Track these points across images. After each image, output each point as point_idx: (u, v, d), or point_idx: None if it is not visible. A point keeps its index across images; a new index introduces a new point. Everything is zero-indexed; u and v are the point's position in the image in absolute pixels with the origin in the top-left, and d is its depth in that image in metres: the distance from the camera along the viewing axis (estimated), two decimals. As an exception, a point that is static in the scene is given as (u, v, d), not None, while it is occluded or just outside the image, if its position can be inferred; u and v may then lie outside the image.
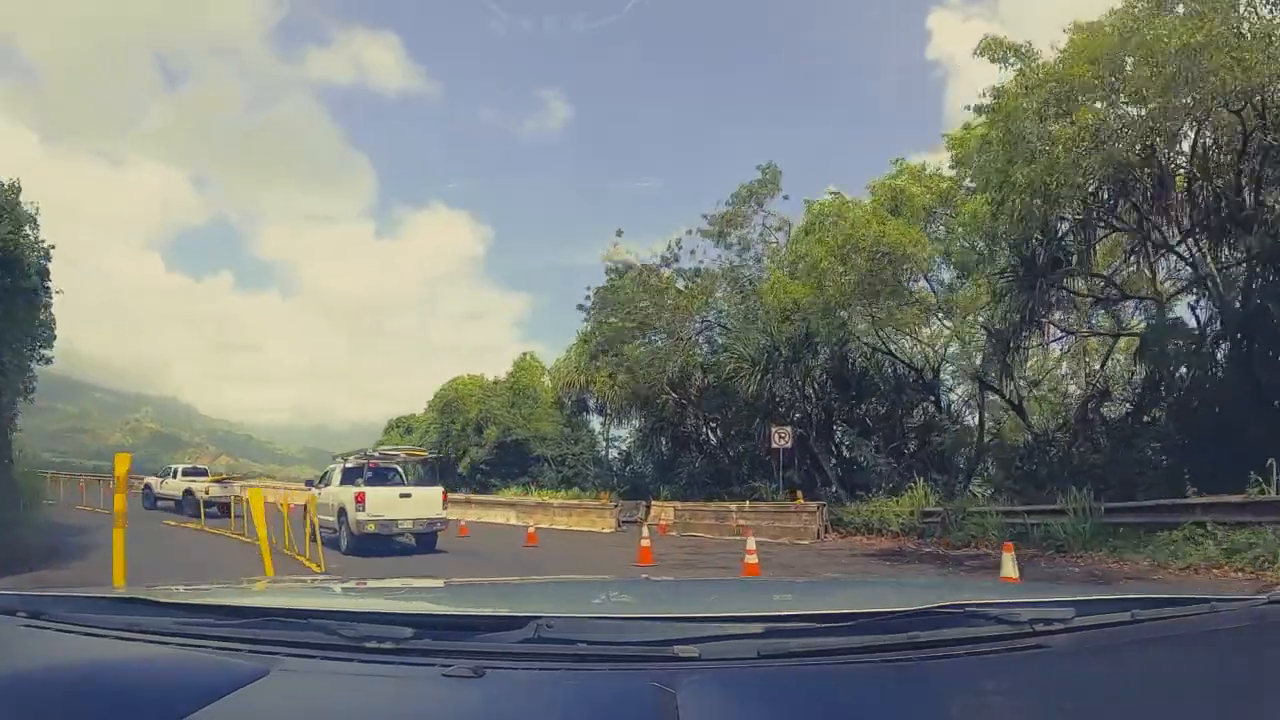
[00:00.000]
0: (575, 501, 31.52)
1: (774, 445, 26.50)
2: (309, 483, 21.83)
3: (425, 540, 18.69)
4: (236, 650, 1.36)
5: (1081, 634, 1.48)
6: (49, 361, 22.56)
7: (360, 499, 18.06)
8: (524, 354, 50.42)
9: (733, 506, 24.82)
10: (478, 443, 45.11)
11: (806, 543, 21.07)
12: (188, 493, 30.20)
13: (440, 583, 3.31)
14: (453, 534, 21.11)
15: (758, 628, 1.45)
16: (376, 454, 20.76)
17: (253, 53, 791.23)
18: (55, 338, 21.75)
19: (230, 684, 1.20)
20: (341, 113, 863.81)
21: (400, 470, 20.44)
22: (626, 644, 1.36)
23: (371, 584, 2.76)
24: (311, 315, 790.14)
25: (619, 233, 35.45)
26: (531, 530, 21.57)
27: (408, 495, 19.12)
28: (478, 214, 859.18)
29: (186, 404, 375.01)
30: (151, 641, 1.43)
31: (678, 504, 27.85)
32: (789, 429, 26.76)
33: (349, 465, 19.85)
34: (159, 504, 30.48)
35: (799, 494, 24.62)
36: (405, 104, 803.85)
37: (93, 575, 11.40)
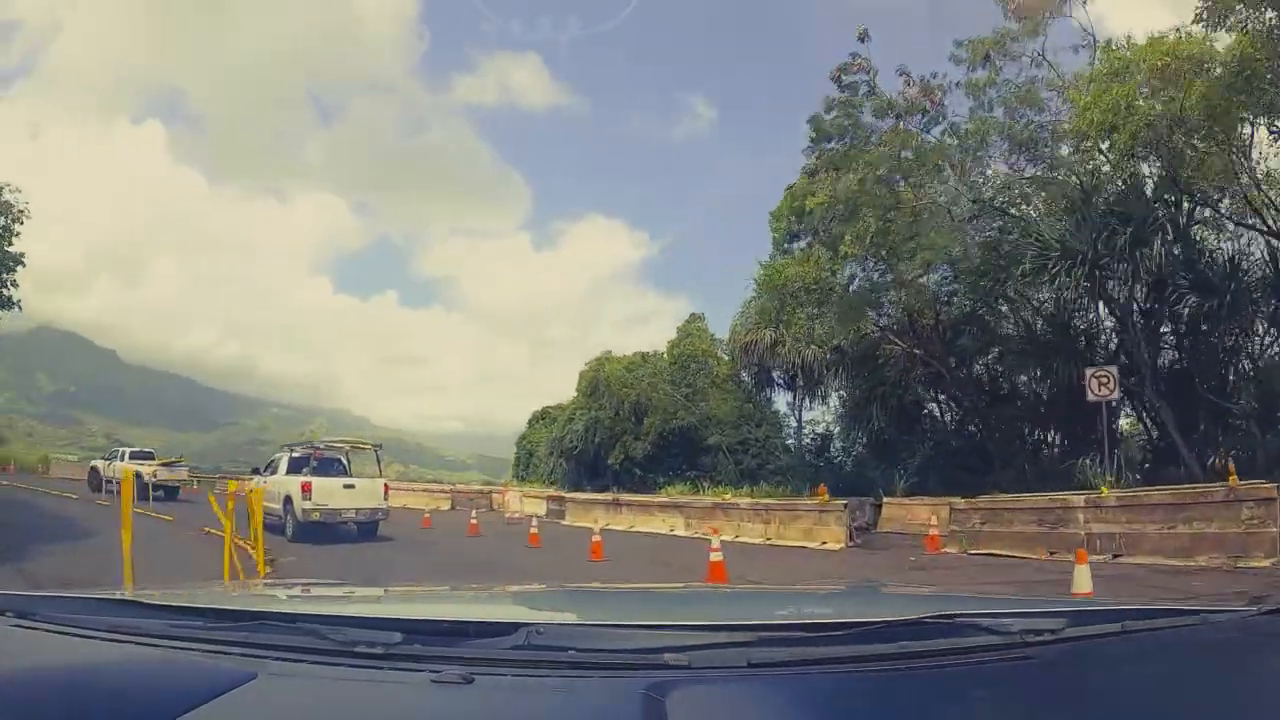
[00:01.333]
0: (775, 501, 23.70)
1: (1092, 397, 18.36)
2: (255, 470, 23.33)
3: (366, 529, 20.65)
4: (225, 654, 1.44)
5: (1072, 645, 1.51)
6: (14, 305, 23.63)
7: (306, 488, 19.63)
8: (690, 317, 43.43)
9: (1077, 500, 15.42)
10: (636, 433, 39.06)
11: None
12: (135, 475, 28.94)
13: (431, 588, 3.46)
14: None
15: (748, 636, 1.51)
16: (322, 444, 22.76)
17: (402, 84, 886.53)
18: (18, 267, 22.57)
19: (218, 687, 1.25)
20: (492, 133, 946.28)
21: (344, 461, 22.10)
22: (616, 651, 1.40)
23: (362, 589, 2.79)
24: (475, 327, 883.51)
25: (863, 35, 24.31)
26: (717, 554, 14.07)
27: (351, 486, 20.89)
28: (633, 220, 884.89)
29: (359, 416, 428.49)
30: (141, 644, 1.51)
31: (957, 500, 18.64)
32: (1112, 371, 18.57)
33: (295, 455, 21.76)
34: (106, 487, 31.34)
35: (1232, 471, 15.30)
36: (553, 119, 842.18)
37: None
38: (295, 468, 20.94)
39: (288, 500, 19.67)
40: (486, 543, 21.36)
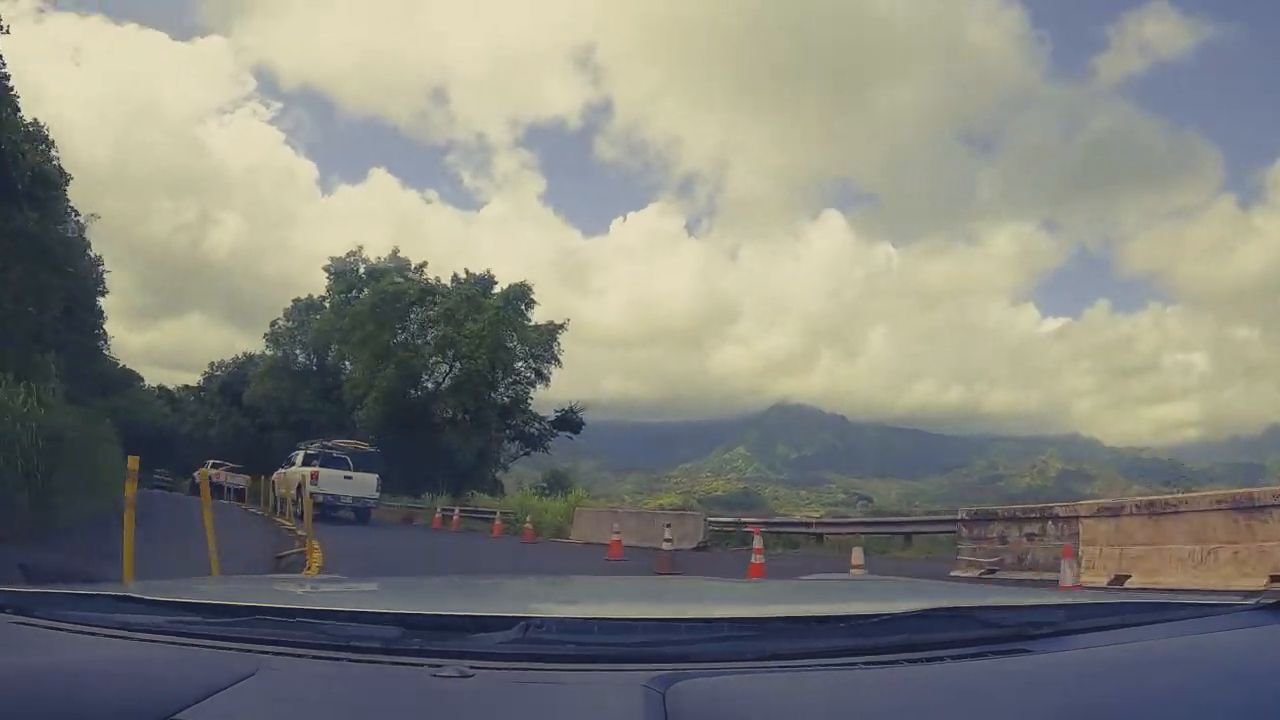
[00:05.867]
0: None
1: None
2: (285, 462, 30.57)
3: (361, 514, 27.72)
4: (224, 649, 1.41)
5: (1071, 638, 1.49)
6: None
7: (314, 476, 25.75)
8: None
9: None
10: None
11: None
12: (211, 479, 38.74)
13: (431, 581, 3.33)
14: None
15: (749, 630, 1.53)
16: (330, 444, 29.75)
17: (1043, 91, 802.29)
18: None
19: (217, 683, 1.22)
20: (1151, 99, 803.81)
21: (348, 459, 28.32)
22: (615, 645, 1.38)
23: (360, 583, 2.83)
24: (1199, 317, 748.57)
25: None
26: None
27: (350, 478, 27.29)
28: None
29: (1089, 438, 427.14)
30: (139, 639, 1.50)
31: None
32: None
33: (309, 452, 28.89)
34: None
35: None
36: (1206, 58, 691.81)
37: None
38: (308, 461, 27.97)
39: (300, 487, 23.82)
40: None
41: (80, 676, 1.28)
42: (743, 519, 23.43)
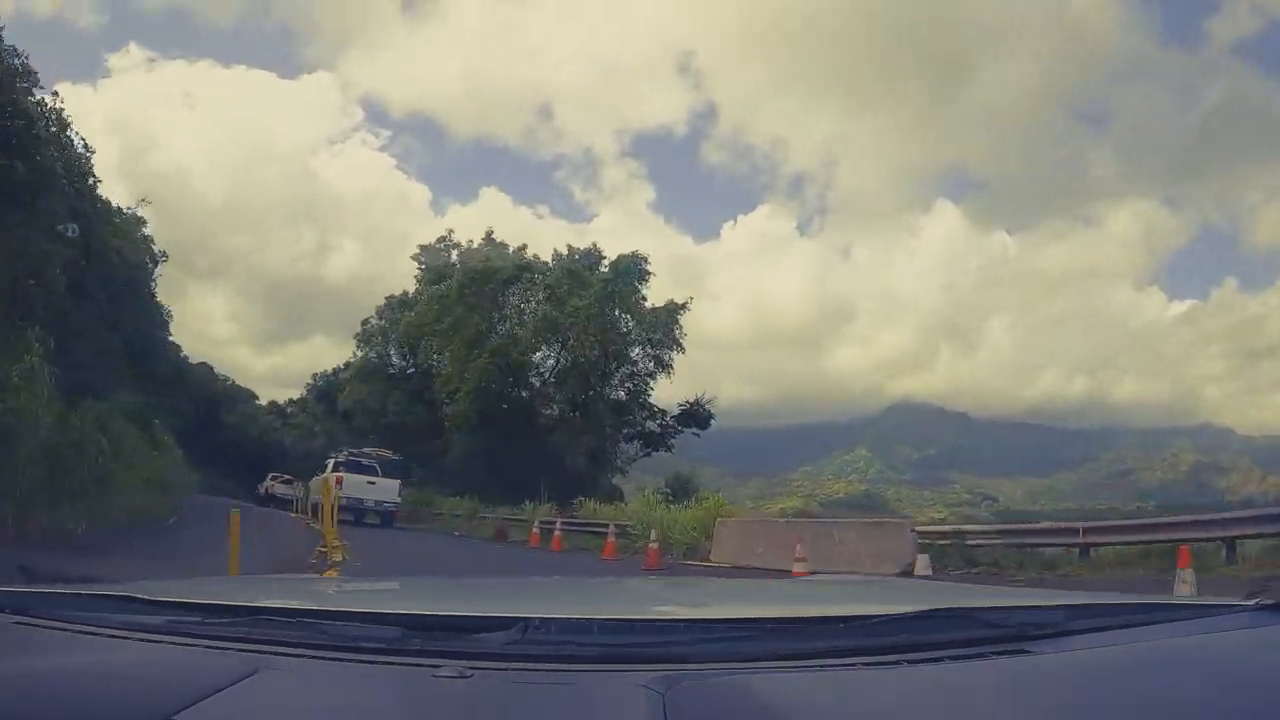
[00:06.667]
0: None
1: None
2: (319, 468, 33.18)
3: (385, 517, 30.43)
4: (225, 649, 1.40)
5: (1072, 639, 1.48)
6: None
7: (339, 481, 26.96)
8: None
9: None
10: None
11: None
12: (267, 489, 47.37)
13: (431, 582, 3.40)
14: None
15: (749, 630, 1.52)
16: (357, 453, 32.71)
17: (1155, 60, 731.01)
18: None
19: (217, 683, 1.22)
20: (1268, 62, 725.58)
21: (376, 466, 31.50)
22: (615, 646, 1.38)
23: (361, 583, 2.82)
24: None
25: None
26: None
27: (373, 482, 30.23)
28: None
29: (1222, 428, 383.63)
30: (139, 639, 1.49)
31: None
32: None
33: (339, 459, 31.35)
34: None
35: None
36: None
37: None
38: (336, 468, 30.02)
39: (323, 491, 26.10)
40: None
41: (81, 677, 1.28)
42: (963, 528, 16.32)
